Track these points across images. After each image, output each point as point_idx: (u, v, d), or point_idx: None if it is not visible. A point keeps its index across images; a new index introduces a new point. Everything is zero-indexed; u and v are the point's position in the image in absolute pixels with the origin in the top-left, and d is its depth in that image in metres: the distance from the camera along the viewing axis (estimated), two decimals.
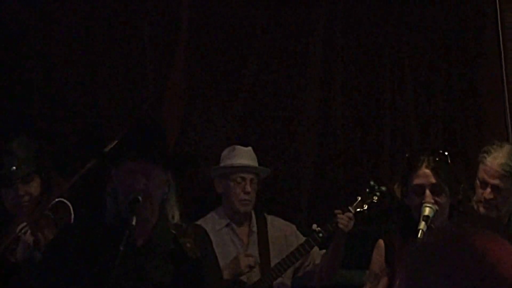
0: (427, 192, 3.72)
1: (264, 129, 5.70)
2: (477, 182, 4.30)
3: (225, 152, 4.96)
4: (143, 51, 5.63)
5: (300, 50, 5.76)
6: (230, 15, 5.71)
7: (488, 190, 4.22)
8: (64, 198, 4.42)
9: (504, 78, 5.69)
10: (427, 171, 3.74)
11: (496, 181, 4.23)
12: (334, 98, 5.78)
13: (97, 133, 5.45)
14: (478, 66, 5.85)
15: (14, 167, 4.30)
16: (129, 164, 3.50)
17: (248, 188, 4.80)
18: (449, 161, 3.86)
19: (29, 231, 4.09)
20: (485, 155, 4.27)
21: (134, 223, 3.42)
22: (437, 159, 3.78)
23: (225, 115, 5.67)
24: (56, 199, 4.39)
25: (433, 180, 3.73)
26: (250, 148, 4.97)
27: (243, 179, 4.83)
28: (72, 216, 4.37)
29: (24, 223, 4.14)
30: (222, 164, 4.91)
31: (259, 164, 4.98)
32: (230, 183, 4.84)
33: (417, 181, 3.74)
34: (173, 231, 3.60)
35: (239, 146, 4.96)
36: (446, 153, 3.88)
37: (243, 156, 4.89)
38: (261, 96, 5.73)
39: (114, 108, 5.56)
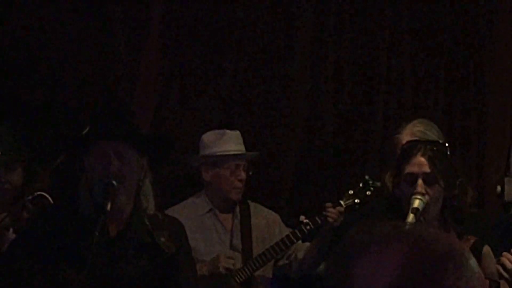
0: (419, 181, 3.67)
1: (247, 114, 5.69)
2: None
3: (210, 138, 4.90)
4: (115, 31, 5.65)
5: (288, 26, 5.73)
6: None
7: None
8: (45, 192, 4.50)
9: None
10: (422, 159, 3.70)
11: None
12: (324, 83, 5.76)
13: (69, 121, 5.48)
14: (487, 48, 5.79)
15: (0, 153, 4.38)
16: (100, 145, 3.55)
17: (243, 175, 4.82)
18: (448, 152, 3.84)
19: (11, 230, 4.18)
20: (398, 135, 4.31)
21: (108, 208, 3.46)
22: (435, 148, 3.75)
23: (205, 99, 5.67)
24: (37, 192, 4.47)
25: (427, 169, 3.68)
26: (238, 132, 4.94)
27: (238, 166, 4.83)
28: None
29: (5, 214, 4.25)
30: (210, 151, 4.86)
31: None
32: (223, 171, 4.81)
33: (410, 169, 3.71)
34: (148, 224, 3.64)
35: (228, 131, 4.92)
36: (446, 144, 3.88)
37: (235, 142, 4.88)
38: (244, 78, 5.71)
39: (85, 94, 5.59)
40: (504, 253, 3.61)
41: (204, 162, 4.86)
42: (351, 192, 4.76)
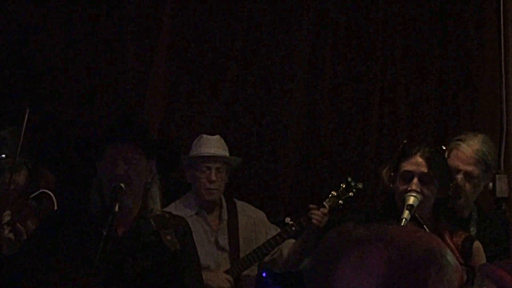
0: (415, 180, 3.83)
1: (247, 120, 5.81)
2: None
3: (194, 141, 5.14)
4: (125, 42, 5.74)
5: (286, 38, 5.85)
6: (214, 7, 5.84)
7: (460, 176, 4.32)
8: (50, 191, 4.63)
9: (503, 70, 5.72)
10: (420, 160, 3.86)
11: (469, 168, 4.34)
12: (321, 90, 5.85)
13: (79, 127, 5.59)
14: (476, 56, 5.90)
15: (4, 155, 4.51)
16: (110, 150, 3.74)
17: (213, 177, 4.97)
18: (445, 156, 4.02)
19: (7, 229, 4.30)
20: (459, 142, 4.38)
21: (117, 209, 3.63)
22: (434, 151, 3.92)
23: (208, 106, 5.79)
24: (40, 190, 4.61)
25: (424, 169, 3.84)
26: (217, 136, 5.14)
27: (208, 168, 5.00)
28: (56, 207, 4.58)
29: (8, 211, 4.35)
30: (190, 154, 5.10)
31: (234, 153, 5.17)
32: (197, 172, 5.02)
33: (407, 167, 3.87)
34: (154, 223, 3.81)
35: (205, 135, 5.13)
36: (444, 148, 4.04)
37: (209, 145, 5.07)
38: (244, 87, 5.84)
39: (96, 102, 5.68)
40: None
41: (186, 163, 5.08)
42: (334, 193, 4.88)
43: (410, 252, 1.55)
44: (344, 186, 4.90)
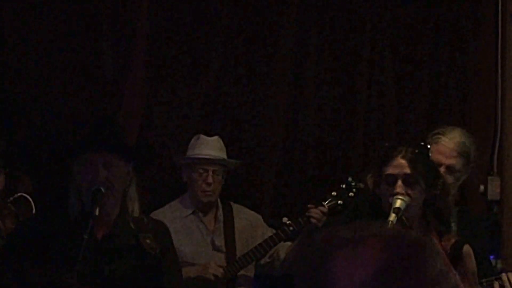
0: (399, 182, 3.79)
1: (229, 118, 5.81)
2: None
3: (192, 141, 5.15)
4: (101, 41, 5.71)
5: (269, 35, 5.84)
6: (193, 3, 5.81)
7: (442, 170, 4.27)
8: (28, 195, 4.66)
9: (499, 67, 5.73)
10: (403, 161, 3.82)
11: (451, 161, 4.34)
12: (305, 85, 5.84)
13: (57, 130, 5.56)
14: (470, 52, 5.88)
15: None
16: (89, 156, 3.75)
17: (210, 180, 5.00)
18: (429, 153, 3.97)
19: None
20: (439, 136, 4.38)
21: (97, 213, 3.66)
22: (416, 150, 3.87)
23: (189, 104, 5.77)
24: (18, 194, 4.64)
25: (407, 171, 3.81)
26: (216, 137, 5.15)
27: (206, 170, 5.02)
28: (34, 211, 4.63)
29: None
30: (187, 154, 5.11)
31: (227, 154, 5.16)
32: (194, 174, 5.03)
33: (390, 170, 3.83)
34: (133, 226, 3.83)
35: (203, 136, 5.13)
36: (428, 146, 4.00)
37: (207, 146, 5.08)
38: (226, 83, 5.82)
39: (73, 103, 5.65)
40: (503, 274, 3.88)
41: (183, 163, 5.11)
42: (334, 193, 4.87)
43: (403, 239, 1.55)
44: (344, 186, 4.90)
